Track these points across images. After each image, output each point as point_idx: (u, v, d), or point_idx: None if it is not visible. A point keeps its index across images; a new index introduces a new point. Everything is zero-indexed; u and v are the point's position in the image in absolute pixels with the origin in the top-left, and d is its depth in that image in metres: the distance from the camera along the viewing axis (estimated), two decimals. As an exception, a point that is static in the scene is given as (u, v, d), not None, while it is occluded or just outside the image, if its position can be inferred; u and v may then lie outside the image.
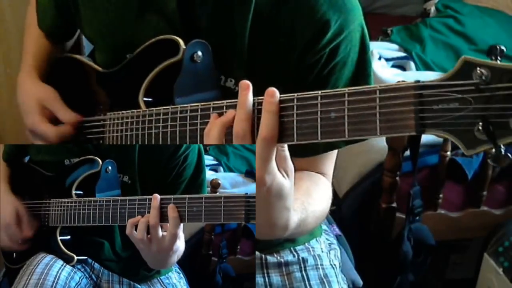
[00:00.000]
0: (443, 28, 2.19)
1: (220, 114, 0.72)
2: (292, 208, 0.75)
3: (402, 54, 2.07)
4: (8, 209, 1.05)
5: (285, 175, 0.70)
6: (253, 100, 0.69)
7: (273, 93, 0.66)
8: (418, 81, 0.57)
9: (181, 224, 0.86)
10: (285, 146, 0.68)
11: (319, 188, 0.92)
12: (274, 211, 0.72)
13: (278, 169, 0.68)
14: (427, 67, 2.01)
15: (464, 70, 0.54)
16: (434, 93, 0.55)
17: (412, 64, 2.02)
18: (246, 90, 0.68)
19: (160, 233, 0.84)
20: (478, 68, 0.53)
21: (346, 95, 0.62)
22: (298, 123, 0.65)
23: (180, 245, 0.87)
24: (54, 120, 0.97)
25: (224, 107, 0.72)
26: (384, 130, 0.59)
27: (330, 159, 0.98)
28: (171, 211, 0.83)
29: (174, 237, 0.84)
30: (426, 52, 2.07)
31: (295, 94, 0.66)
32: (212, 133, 0.71)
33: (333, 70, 0.86)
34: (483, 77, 0.52)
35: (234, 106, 0.71)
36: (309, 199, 0.85)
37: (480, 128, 0.53)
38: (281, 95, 0.66)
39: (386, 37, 2.22)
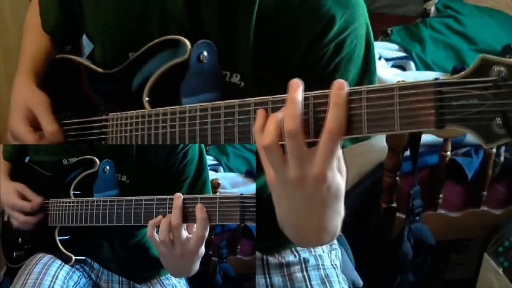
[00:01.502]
0: (443, 28, 2.19)
1: (266, 110, 0.69)
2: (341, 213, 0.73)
3: (402, 54, 2.07)
4: (9, 191, 1.05)
5: (340, 175, 0.68)
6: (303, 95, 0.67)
7: (342, 86, 0.64)
8: (437, 79, 0.59)
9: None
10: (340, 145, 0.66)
11: None
12: (327, 214, 0.71)
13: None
14: (427, 67, 2.01)
15: (482, 68, 0.56)
16: (453, 89, 0.58)
17: (412, 64, 2.02)
18: (298, 87, 0.65)
19: (184, 234, 0.80)
20: (495, 66, 0.55)
21: (365, 92, 0.63)
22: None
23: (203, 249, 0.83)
24: (37, 128, 0.97)
25: (237, 106, 0.72)
26: (404, 126, 0.60)
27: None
28: (199, 211, 0.78)
29: (202, 239, 0.79)
30: (426, 52, 2.07)
31: (311, 93, 0.66)
32: (269, 128, 0.66)
33: (339, 66, 0.85)
34: (501, 74, 0.55)
35: (246, 105, 0.71)
36: None
37: (499, 122, 0.55)
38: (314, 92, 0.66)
39: (386, 37, 2.21)
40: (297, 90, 0.65)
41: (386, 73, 1.88)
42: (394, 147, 1.61)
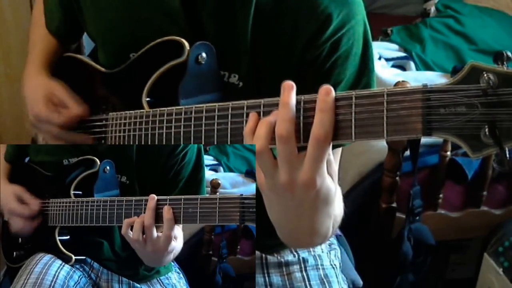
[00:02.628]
0: (443, 28, 2.20)
1: (259, 113, 0.69)
2: (333, 215, 0.73)
3: (402, 54, 2.07)
4: (8, 195, 1.05)
5: (331, 179, 0.68)
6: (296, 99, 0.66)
7: (329, 91, 0.63)
8: (426, 85, 0.58)
9: (180, 225, 0.86)
10: (330, 149, 0.66)
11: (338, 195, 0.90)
12: (318, 218, 0.71)
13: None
14: (427, 67, 2.01)
15: (471, 76, 0.55)
16: (441, 97, 0.57)
17: (412, 64, 2.03)
18: (290, 90, 0.65)
19: (155, 234, 0.84)
20: (485, 74, 0.54)
21: (354, 97, 0.62)
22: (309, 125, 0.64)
23: (177, 245, 0.88)
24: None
25: (230, 109, 0.72)
26: (391, 133, 0.60)
27: (336, 158, 0.97)
28: (166, 212, 0.83)
29: (169, 238, 0.84)
30: (426, 52, 2.07)
31: (302, 97, 0.65)
32: (260, 132, 0.66)
33: (335, 64, 0.85)
34: (490, 83, 0.54)
35: (239, 108, 0.71)
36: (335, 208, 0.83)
37: (487, 132, 0.54)
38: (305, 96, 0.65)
39: (386, 37, 2.22)
40: (290, 93, 0.65)
41: (386, 73, 1.88)
42: (394, 147, 1.61)
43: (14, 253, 1.09)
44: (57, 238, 1.01)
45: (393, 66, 2.05)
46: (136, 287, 1.08)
